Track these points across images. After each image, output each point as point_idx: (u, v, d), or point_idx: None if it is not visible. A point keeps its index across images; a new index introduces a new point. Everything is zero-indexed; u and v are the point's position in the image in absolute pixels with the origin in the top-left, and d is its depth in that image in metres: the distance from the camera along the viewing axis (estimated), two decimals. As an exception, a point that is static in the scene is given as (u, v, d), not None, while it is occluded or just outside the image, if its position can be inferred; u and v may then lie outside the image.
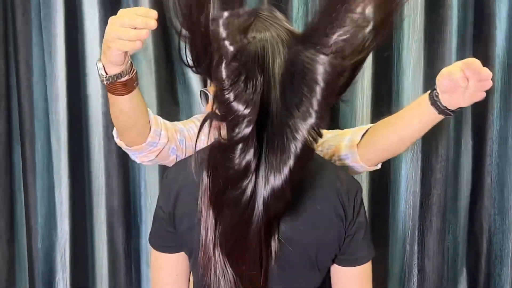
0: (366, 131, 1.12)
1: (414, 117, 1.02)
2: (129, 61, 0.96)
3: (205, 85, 1.32)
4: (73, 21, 1.67)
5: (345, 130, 1.19)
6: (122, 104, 1.01)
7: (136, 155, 1.12)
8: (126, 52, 0.92)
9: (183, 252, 0.98)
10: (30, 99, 1.69)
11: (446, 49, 1.59)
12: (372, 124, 1.13)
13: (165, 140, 1.10)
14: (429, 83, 1.60)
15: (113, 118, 1.07)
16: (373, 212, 1.65)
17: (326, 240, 0.92)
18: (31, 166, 1.71)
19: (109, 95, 1.01)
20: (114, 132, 1.13)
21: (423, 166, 1.65)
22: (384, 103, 1.64)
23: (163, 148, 1.11)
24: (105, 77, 0.95)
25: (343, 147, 1.12)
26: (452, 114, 0.98)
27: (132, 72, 0.98)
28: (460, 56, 1.61)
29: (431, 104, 0.98)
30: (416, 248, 1.70)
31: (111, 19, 0.89)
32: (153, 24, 0.86)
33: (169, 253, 0.98)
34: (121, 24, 0.87)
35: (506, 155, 1.64)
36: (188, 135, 1.16)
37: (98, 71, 0.96)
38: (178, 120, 1.68)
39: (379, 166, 1.15)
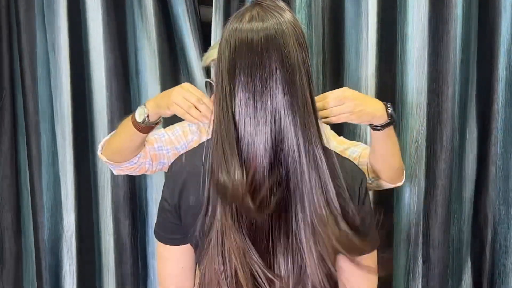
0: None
1: (372, 139, 1.20)
2: None
3: (209, 76, 1.34)
4: (76, 15, 1.67)
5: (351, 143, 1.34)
6: (134, 136, 1.20)
7: (114, 168, 1.31)
8: None
9: (188, 245, 0.98)
10: (35, 94, 1.70)
11: (451, 40, 1.58)
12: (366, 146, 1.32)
13: (142, 160, 1.29)
14: (433, 74, 1.60)
15: (116, 140, 1.24)
16: (378, 202, 1.65)
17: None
18: (36, 160, 1.72)
19: (130, 127, 1.18)
20: (100, 146, 1.30)
21: (427, 156, 1.64)
22: (388, 94, 1.64)
23: (137, 167, 1.30)
24: (146, 121, 1.16)
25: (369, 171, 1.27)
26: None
27: (159, 122, 1.19)
28: (465, 47, 1.60)
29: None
30: (421, 238, 1.70)
31: (177, 88, 1.09)
32: (210, 120, 0.99)
33: (174, 245, 0.98)
34: (186, 98, 1.06)
35: (511, 145, 1.64)
36: (169, 139, 1.32)
37: (142, 115, 1.15)
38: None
39: (400, 184, 1.32)
